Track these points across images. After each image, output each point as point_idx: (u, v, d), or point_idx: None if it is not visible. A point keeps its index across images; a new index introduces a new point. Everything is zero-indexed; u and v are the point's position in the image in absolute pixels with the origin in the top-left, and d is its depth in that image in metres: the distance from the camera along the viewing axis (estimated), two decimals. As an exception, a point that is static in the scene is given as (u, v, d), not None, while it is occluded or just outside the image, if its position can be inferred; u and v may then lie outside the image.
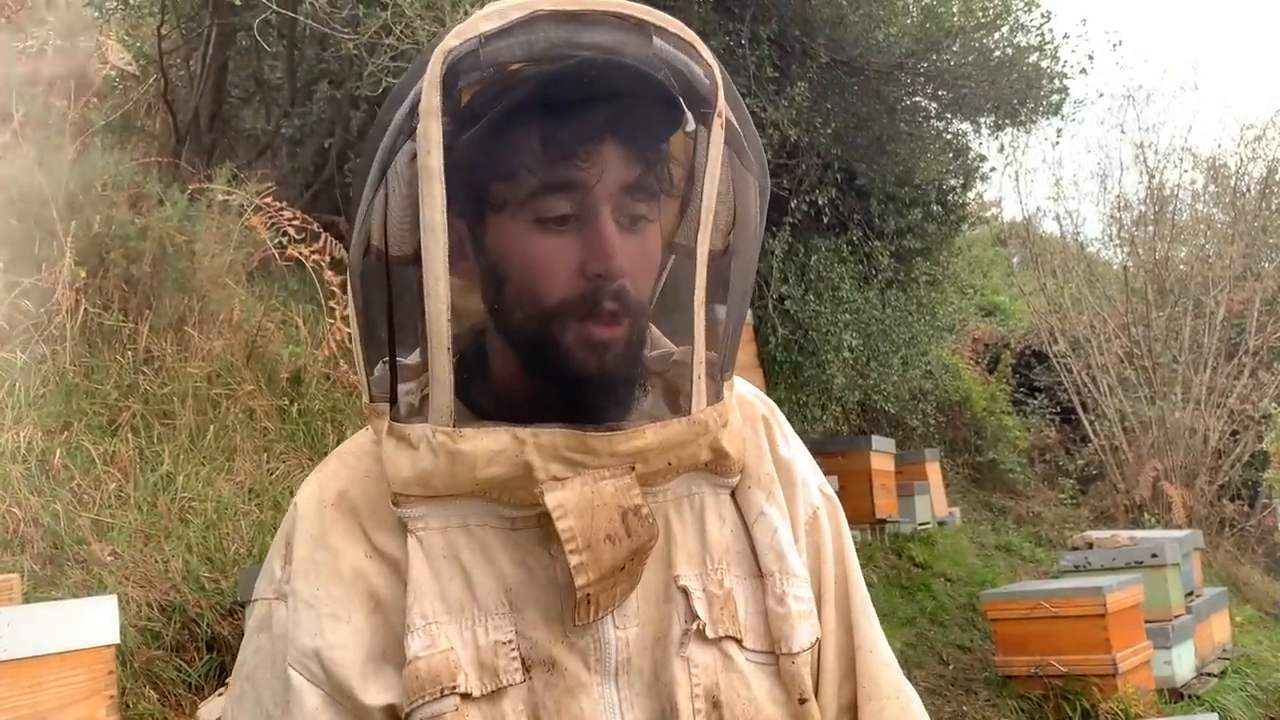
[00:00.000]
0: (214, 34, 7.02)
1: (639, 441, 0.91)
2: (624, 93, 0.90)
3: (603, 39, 0.90)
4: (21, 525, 3.64)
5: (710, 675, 0.95)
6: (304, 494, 1.00)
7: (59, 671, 2.46)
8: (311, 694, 0.92)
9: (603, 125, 0.91)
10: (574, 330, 0.92)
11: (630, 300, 0.92)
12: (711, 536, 0.99)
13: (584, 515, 0.89)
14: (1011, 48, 7.19)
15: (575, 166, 0.91)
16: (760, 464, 1.04)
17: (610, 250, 0.91)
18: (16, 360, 4.15)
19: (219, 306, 5.08)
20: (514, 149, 0.92)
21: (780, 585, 0.99)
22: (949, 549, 8.25)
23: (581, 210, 0.92)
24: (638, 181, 0.93)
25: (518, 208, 0.93)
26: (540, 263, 0.92)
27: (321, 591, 0.94)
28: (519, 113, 0.91)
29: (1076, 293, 11.72)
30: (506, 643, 0.92)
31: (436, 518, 0.93)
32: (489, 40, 0.89)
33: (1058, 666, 5.49)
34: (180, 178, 5.95)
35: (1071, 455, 11.78)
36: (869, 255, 8.01)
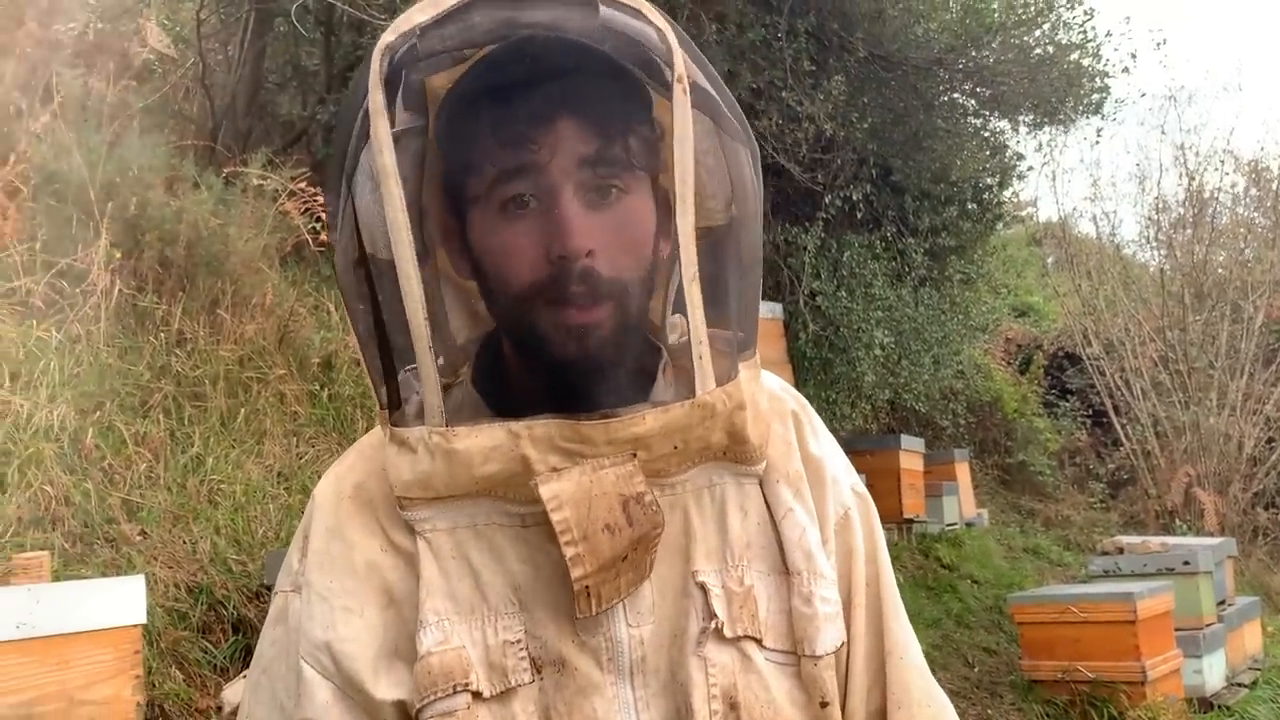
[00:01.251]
0: (252, 19, 7.06)
1: (638, 428, 0.88)
2: (567, 68, 0.89)
3: (542, 16, 0.88)
4: (53, 503, 3.67)
5: (728, 675, 0.92)
6: (322, 486, 0.99)
7: (86, 650, 2.48)
8: (323, 687, 0.91)
9: (549, 103, 0.89)
10: (547, 315, 0.90)
11: (600, 281, 0.89)
12: (732, 530, 0.96)
13: (580, 505, 0.86)
14: (1053, 45, 7.10)
15: (527, 149, 0.89)
16: (788, 460, 1.00)
17: (569, 230, 0.88)
18: (52, 339, 4.19)
19: (252, 290, 5.11)
20: (470, 140, 0.91)
21: (808, 585, 0.96)
22: (976, 550, 8.18)
23: (540, 192, 0.90)
24: (599, 155, 0.91)
25: (485, 199, 0.92)
26: (507, 250, 0.91)
27: (335, 584, 0.93)
28: (467, 102, 0.90)
29: (1111, 295, 11.58)
30: (515, 642, 0.91)
31: (443, 519, 0.92)
32: (425, 31, 0.88)
33: (1085, 672, 5.43)
34: (216, 162, 5.98)
35: (1102, 459, 11.65)
36: (902, 252, 7.95)
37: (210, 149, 6.50)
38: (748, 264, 0.97)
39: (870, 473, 7.61)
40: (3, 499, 3.55)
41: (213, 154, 6.36)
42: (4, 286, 4.29)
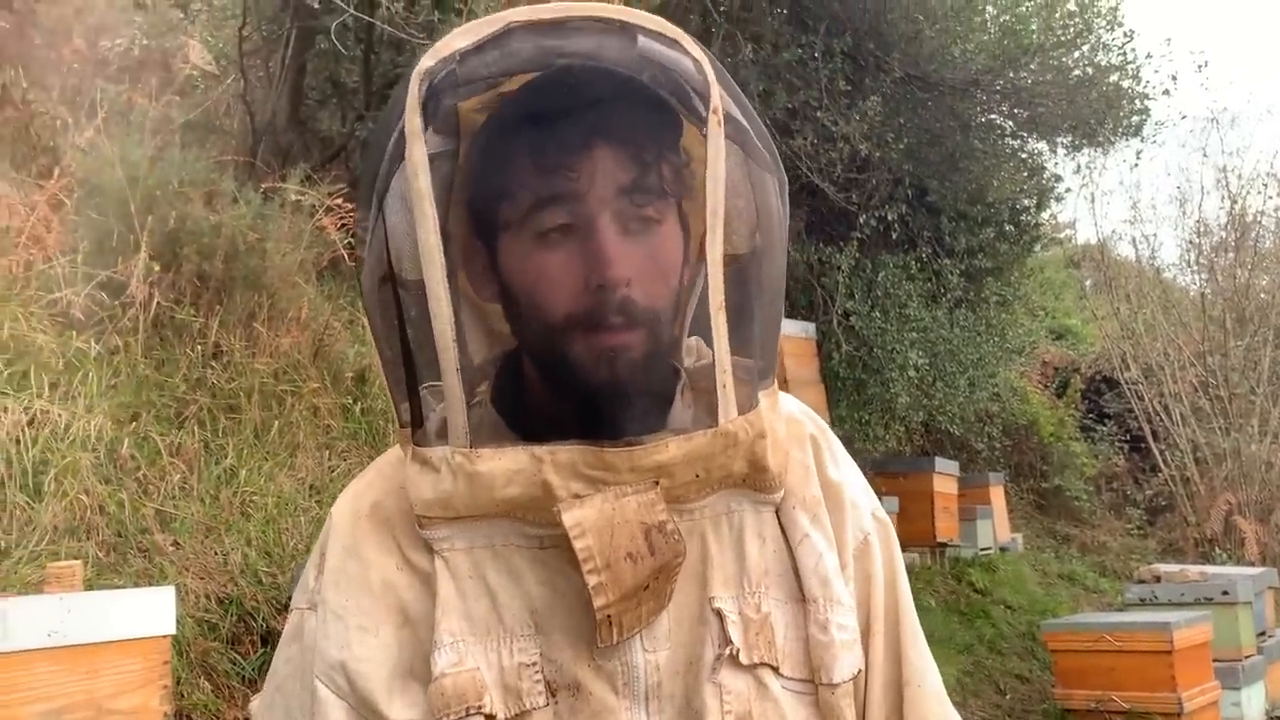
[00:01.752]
0: (293, 37, 7.15)
1: (661, 456, 0.88)
2: (605, 97, 0.89)
3: (582, 45, 0.88)
4: (88, 513, 3.71)
5: (743, 703, 0.91)
6: (340, 504, 0.99)
7: (115, 659, 2.49)
8: (337, 707, 0.91)
9: (588, 131, 0.89)
10: (582, 343, 0.89)
11: (638, 310, 0.89)
12: (750, 557, 0.95)
13: (603, 533, 0.86)
14: (1092, 66, 7.05)
15: (565, 177, 0.89)
16: (806, 485, 1.00)
17: (608, 259, 0.88)
18: (90, 350, 4.24)
19: (288, 304, 5.16)
20: (506, 166, 0.91)
21: (824, 612, 0.95)
22: (1010, 575, 8.09)
23: (578, 220, 0.90)
24: (636, 184, 0.91)
25: (519, 225, 0.92)
26: (543, 278, 0.90)
27: (350, 603, 0.93)
28: (505, 129, 0.90)
29: (1151, 318, 11.44)
30: (530, 665, 0.90)
31: (462, 539, 0.92)
32: (465, 58, 0.89)
33: (1120, 703, 5.34)
34: (256, 177, 6.06)
35: (1140, 485, 11.49)
36: (938, 273, 7.90)
37: (250, 164, 6.59)
38: (770, 292, 0.97)
39: (903, 495, 7.56)
40: (39, 508, 3.60)
41: (253, 169, 6.44)
42: (46, 298, 4.35)
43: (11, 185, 5.25)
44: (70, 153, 5.23)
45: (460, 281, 0.97)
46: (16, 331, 4.12)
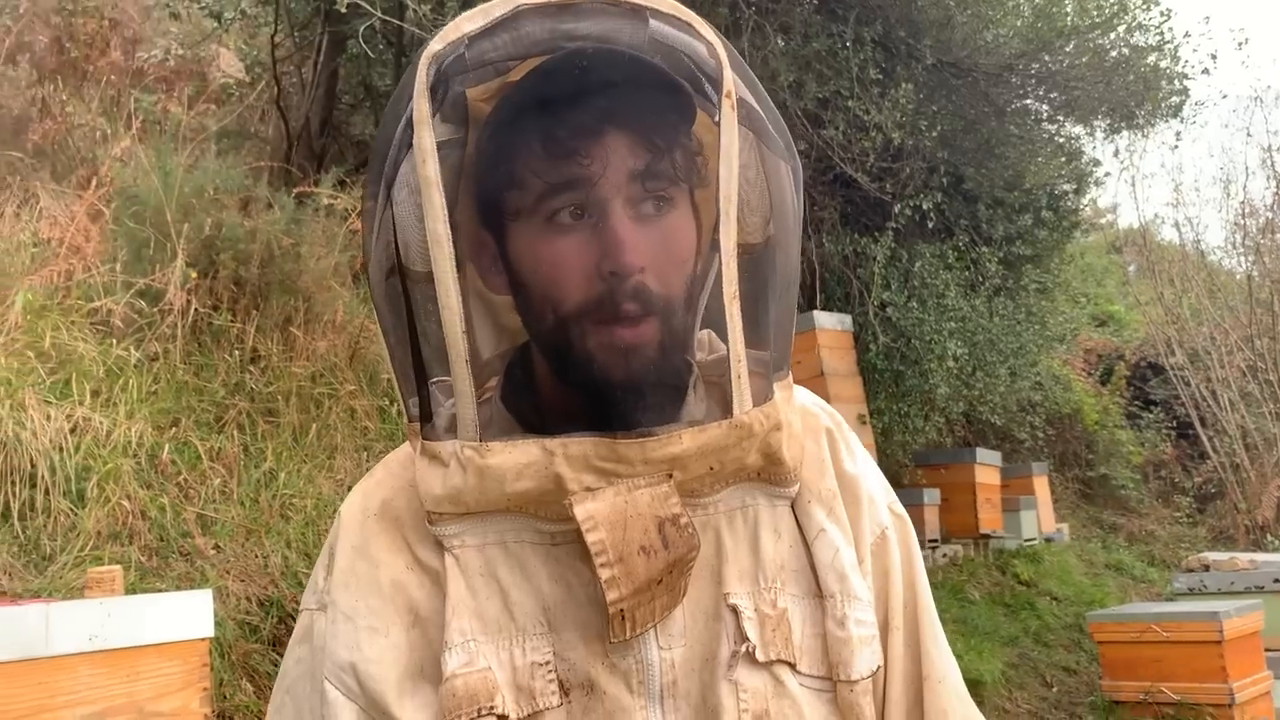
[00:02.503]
0: (325, 42, 7.20)
1: (674, 448, 0.86)
2: (617, 80, 0.87)
3: (592, 28, 0.87)
4: (130, 518, 3.76)
5: (760, 700, 0.89)
6: (348, 503, 0.98)
7: (155, 662, 2.52)
8: (347, 709, 0.90)
9: (599, 116, 0.87)
10: (596, 334, 0.88)
11: (652, 297, 0.88)
12: (765, 552, 0.93)
13: (616, 527, 0.84)
14: (1128, 48, 6.93)
15: (576, 163, 0.87)
16: (821, 479, 0.98)
17: (621, 245, 0.87)
18: (130, 358, 4.31)
19: (323, 308, 5.20)
20: (515, 153, 0.89)
21: (841, 608, 0.93)
22: (1056, 566, 7.99)
23: (590, 207, 0.88)
24: (648, 169, 0.89)
25: (530, 213, 0.90)
26: (555, 266, 0.89)
27: (360, 603, 0.92)
28: (514, 115, 0.88)
29: (1196, 303, 11.25)
30: (543, 664, 0.89)
31: (473, 535, 0.90)
32: (474, 41, 0.87)
33: (1169, 694, 5.25)
34: (292, 182, 6.11)
35: (1189, 472, 11.30)
36: (976, 261, 7.81)
37: (284, 170, 6.65)
38: (784, 283, 0.95)
39: (945, 487, 7.49)
40: (82, 513, 3.66)
41: (287, 175, 6.50)
42: (86, 307, 4.42)
43: (52, 197, 5.34)
44: (108, 163, 5.31)
45: (469, 274, 0.96)
46: (58, 340, 4.19)
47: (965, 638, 5.97)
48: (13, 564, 3.46)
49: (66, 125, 5.65)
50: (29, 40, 5.76)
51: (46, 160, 5.57)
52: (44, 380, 3.98)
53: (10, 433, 3.64)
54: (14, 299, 4.20)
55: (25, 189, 5.29)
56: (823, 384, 6.71)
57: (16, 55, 5.58)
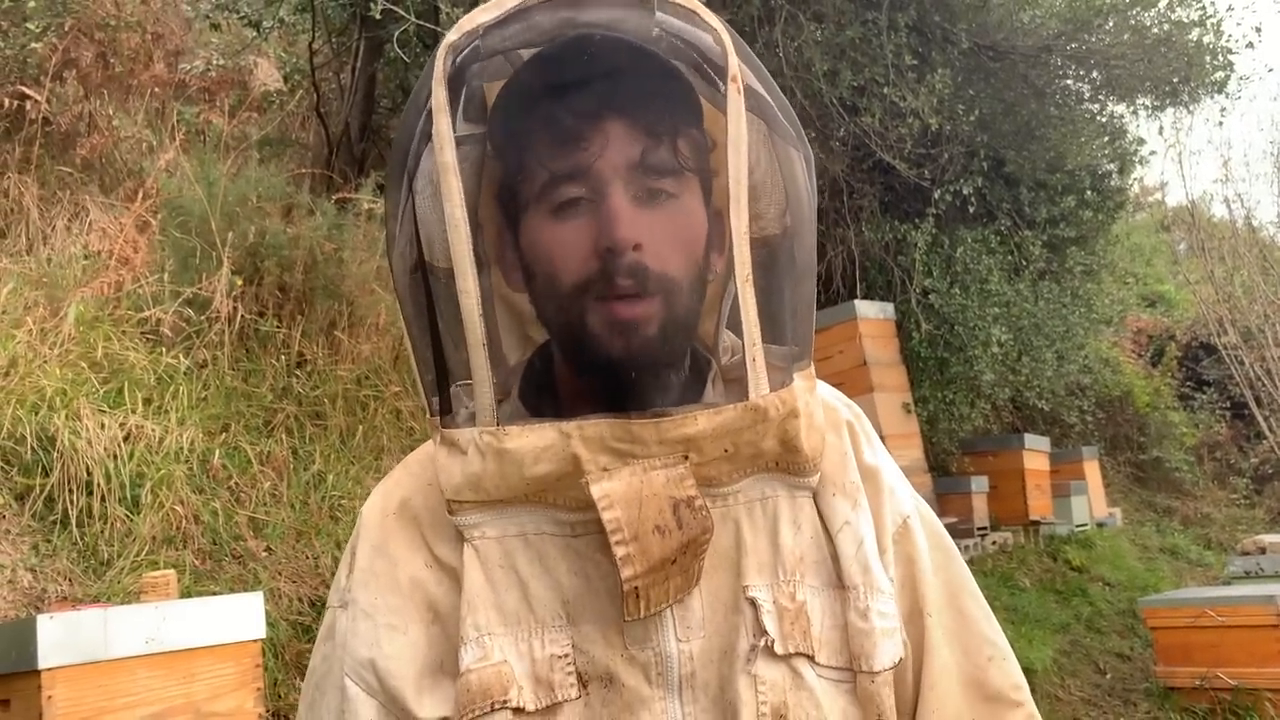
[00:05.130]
0: (362, 47, 7.28)
1: (689, 428, 0.87)
2: (617, 67, 0.89)
3: (599, 16, 0.89)
4: (184, 522, 3.85)
5: (778, 693, 0.90)
6: (368, 504, 1.00)
7: (210, 664, 2.59)
8: (367, 704, 0.92)
9: (599, 103, 0.89)
10: (596, 311, 0.89)
11: (649, 275, 0.88)
12: (785, 544, 0.94)
13: (631, 506, 0.85)
14: (1169, 24, 6.81)
15: (578, 149, 0.89)
16: (844, 471, 0.98)
17: (615, 221, 0.88)
18: (180, 365, 4.39)
19: (367, 311, 5.27)
20: (522, 142, 0.92)
21: (864, 599, 0.94)
22: (1108, 551, 7.89)
23: (591, 192, 0.90)
24: (648, 156, 0.90)
25: (537, 201, 0.92)
26: (557, 250, 0.90)
27: (379, 601, 0.93)
28: (519, 104, 0.91)
29: (1248, 280, 11.04)
30: (562, 656, 0.89)
31: (493, 526, 0.91)
32: (488, 31, 0.90)
33: (1226, 679, 5.17)
34: (333, 188, 6.19)
35: (1244, 453, 11.10)
36: (1019, 245, 7.73)
37: (327, 176, 6.73)
38: (801, 274, 0.96)
39: (993, 474, 7.42)
40: (137, 519, 3.74)
41: (329, 180, 6.59)
42: (136, 316, 4.52)
43: (101, 210, 5.46)
44: (154, 175, 5.42)
45: (495, 278, 0.97)
46: (110, 350, 4.29)
47: (1016, 625, 5.92)
48: (73, 570, 3.56)
49: (113, 139, 5.76)
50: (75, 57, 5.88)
51: (95, 174, 5.69)
52: (97, 390, 4.08)
53: (67, 442, 3.74)
54: (67, 311, 4.31)
55: (75, 203, 5.40)
56: (866, 373, 6.68)
57: (64, 72, 5.69)
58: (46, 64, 5.47)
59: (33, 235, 5.10)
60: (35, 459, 3.73)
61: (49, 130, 5.50)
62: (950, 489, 7.22)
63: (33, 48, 5.48)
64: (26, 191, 5.19)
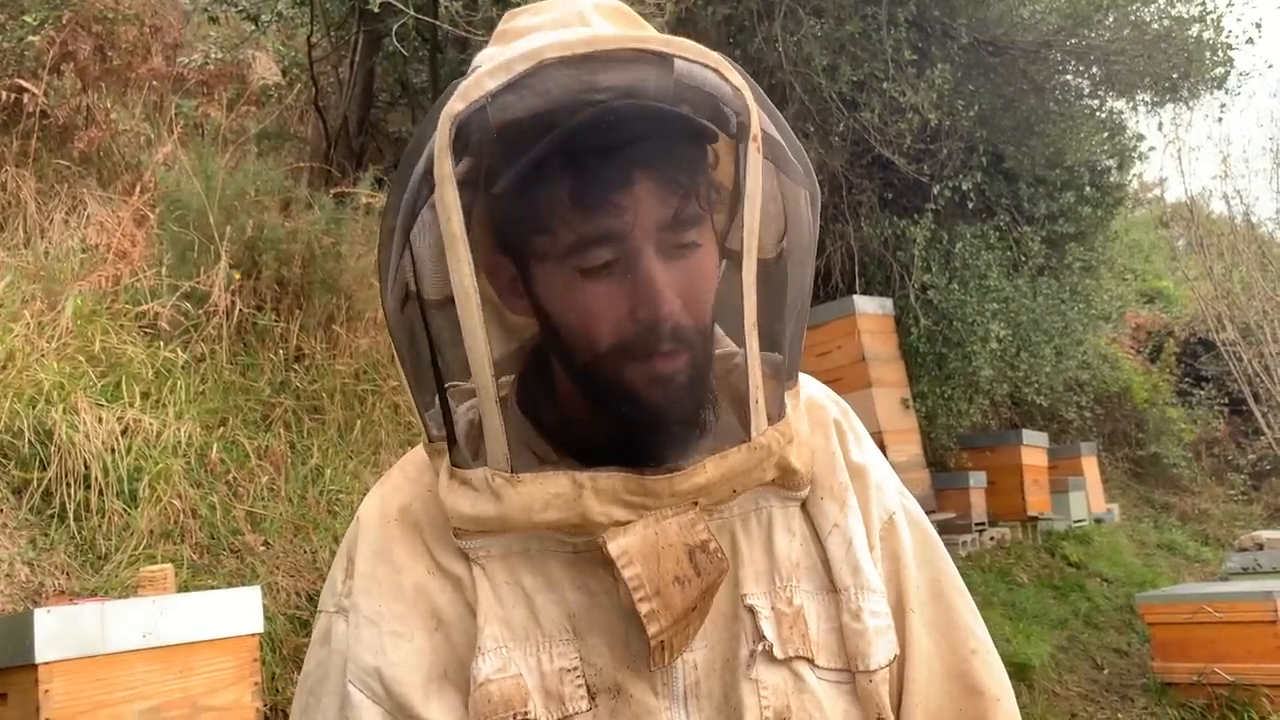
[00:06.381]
0: (361, 41, 7.26)
1: (700, 478, 0.89)
2: (646, 134, 0.86)
3: (619, 78, 0.86)
4: (181, 516, 3.84)
5: (780, 697, 0.92)
6: (366, 507, 0.99)
7: (207, 658, 2.59)
8: (372, 711, 0.91)
9: (630, 170, 0.87)
10: (631, 370, 0.89)
11: (686, 332, 0.89)
12: (780, 551, 0.96)
13: (650, 560, 0.86)
14: (1169, 19, 6.80)
15: (609, 215, 0.87)
16: (832, 473, 1.00)
17: (658, 297, 0.88)
18: (178, 359, 4.39)
19: (365, 305, 5.26)
20: (544, 204, 0.89)
21: (856, 600, 0.96)
22: (1106, 547, 7.89)
23: (624, 255, 0.88)
24: (678, 215, 0.89)
25: (559, 259, 0.90)
26: (589, 311, 0.89)
27: (384, 608, 0.93)
28: (543, 168, 0.87)
29: (1247, 276, 11.04)
30: (571, 670, 0.90)
31: (497, 545, 0.92)
32: (497, 97, 0.86)
33: (1223, 675, 5.18)
34: (331, 182, 6.18)
35: (1242, 449, 11.11)
36: (1018, 241, 7.72)
37: (325, 170, 6.72)
38: (795, 299, 0.97)
39: (991, 469, 7.43)
40: (135, 513, 3.74)
41: (327, 175, 6.57)
42: (134, 310, 4.51)
43: (99, 203, 5.45)
44: (152, 168, 5.41)
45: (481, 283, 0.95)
46: (108, 344, 4.28)
47: (1014, 621, 5.93)
48: (70, 564, 3.56)
49: (111, 132, 5.75)
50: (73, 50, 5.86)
51: (93, 167, 5.68)
52: (95, 383, 4.07)
53: (64, 436, 3.73)
54: (64, 304, 4.30)
55: (73, 196, 5.39)
56: (864, 369, 6.68)
57: (61, 65, 5.67)
58: (44, 57, 5.45)
59: (30, 228, 5.09)
60: (32, 452, 3.73)
61: (46, 123, 5.48)
62: (948, 484, 7.22)
63: (30, 40, 5.46)
64: (24, 185, 5.17)
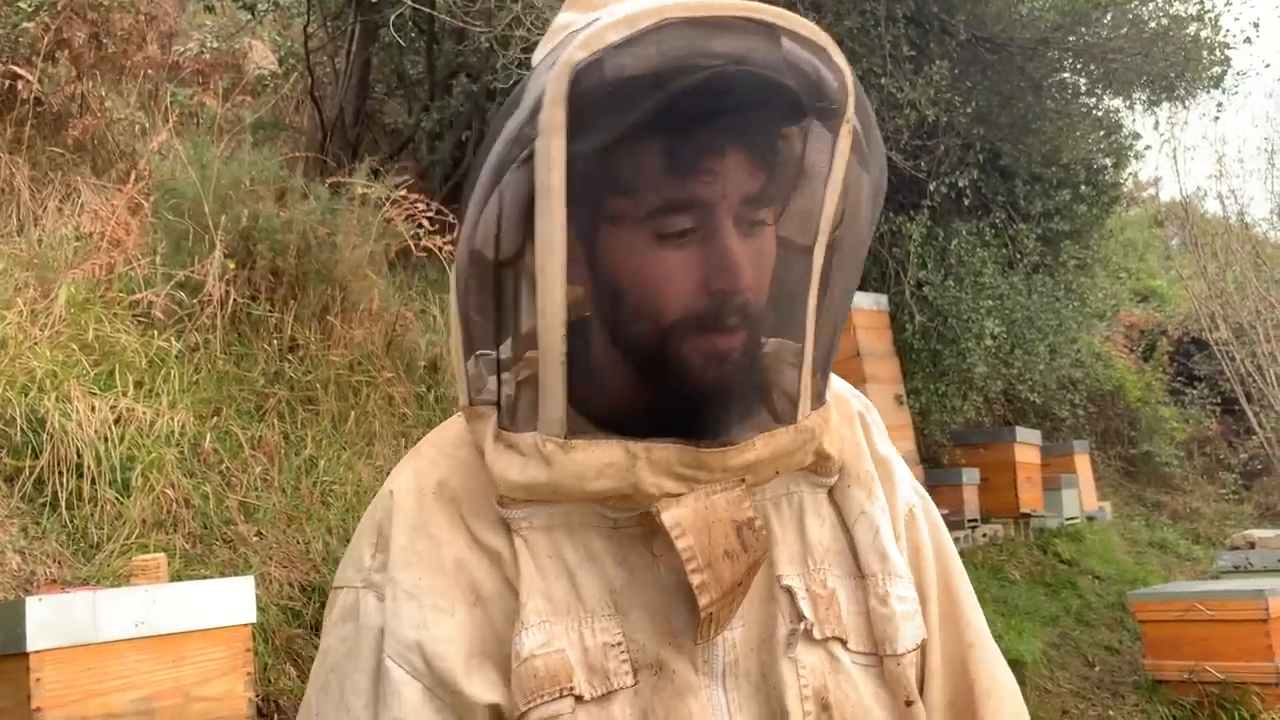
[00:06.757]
0: (357, 31, 7.24)
1: (750, 455, 0.90)
2: (748, 106, 0.87)
3: (732, 45, 0.86)
4: (174, 506, 3.83)
5: (819, 677, 0.93)
6: (400, 481, 0.98)
7: (200, 648, 2.58)
8: (411, 687, 0.90)
9: (727, 138, 0.88)
10: (694, 343, 0.90)
11: (750, 311, 0.91)
12: (812, 536, 0.98)
13: (701, 533, 0.87)
14: (1167, 18, 6.80)
15: (700, 182, 0.88)
16: (859, 462, 1.02)
17: (737, 267, 0.89)
18: (172, 348, 4.37)
19: (359, 296, 5.24)
20: (635, 165, 0.89)
21: (883, 585, 0.98)
22: (1098, 545, 7.92)
23: (704, 224, 0.89)
24: (761, 192, 0.91)
25: (637, 223, 0.90)
26: (660, 278, 0.90)
27: (424, 581, 0.92)
28: (643, 128, 0.87)
29: (1241, 276, 11.06)
30: (615, 645, 0.91)
31: (540, 517, 0.92)
32: (617, 50, 0.85)
33: (1214, 673, 5.20)
34: (327, 172, 6.16)
35: (1234, 448, 11.14)
36: (1013, 238, 7.72)
37: (321, 160, 6.70)
38: (842, 288, 0.98)
39: (984, 466, 7.44)
40: (127, 503, 3.72)
41: (322, 165, 6.55)
42: (127, 299, 4.49)
43: (93, 191, 5.42)
44: (146, 157, 5.38)
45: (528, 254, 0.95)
46: (101, 333, 4.26)
47: (1006, 618, 5.94)
48: (61, 552, 3.54)
49: (105, 120, 5.72)
50: (67, 37, 5.83)
51: (87, 155, 5.65)
52: (88, 372, 4.05)
53: (57, 424, 3.72)
54: (58, 293, 4.28)
55: (67, 184, 5.37)
56: (859, 364, 6.68)
57: (56, 52, 5.64)
58: (38, 44, 5.42)
59: (23, 216, 5.06)
60: (25, 441, 3.71)
61: (40, 111, 5.45)
62: (941, 481, 7.23)
63: (24, 27, 5.43)
64: (17, 172, 5.15)
